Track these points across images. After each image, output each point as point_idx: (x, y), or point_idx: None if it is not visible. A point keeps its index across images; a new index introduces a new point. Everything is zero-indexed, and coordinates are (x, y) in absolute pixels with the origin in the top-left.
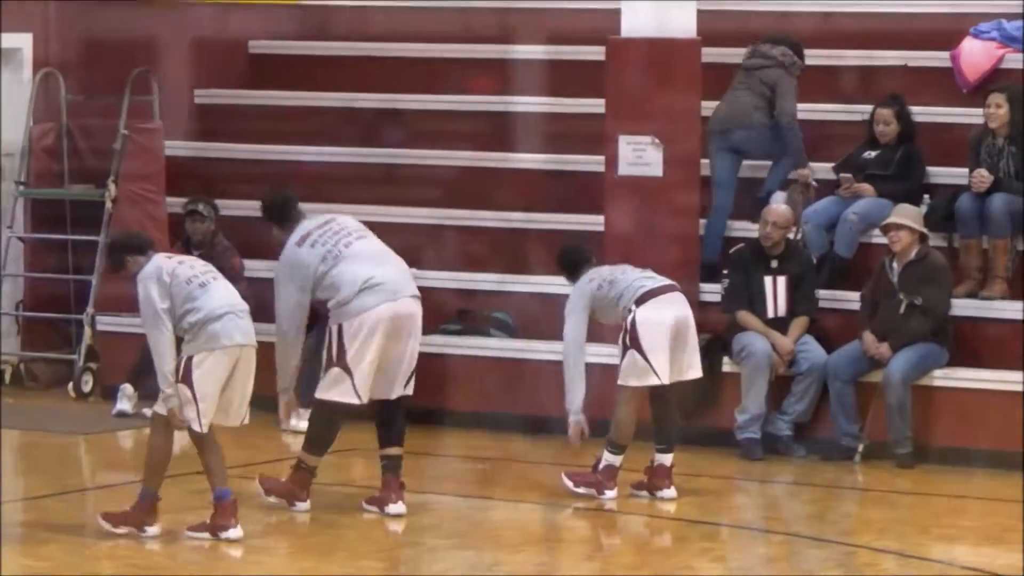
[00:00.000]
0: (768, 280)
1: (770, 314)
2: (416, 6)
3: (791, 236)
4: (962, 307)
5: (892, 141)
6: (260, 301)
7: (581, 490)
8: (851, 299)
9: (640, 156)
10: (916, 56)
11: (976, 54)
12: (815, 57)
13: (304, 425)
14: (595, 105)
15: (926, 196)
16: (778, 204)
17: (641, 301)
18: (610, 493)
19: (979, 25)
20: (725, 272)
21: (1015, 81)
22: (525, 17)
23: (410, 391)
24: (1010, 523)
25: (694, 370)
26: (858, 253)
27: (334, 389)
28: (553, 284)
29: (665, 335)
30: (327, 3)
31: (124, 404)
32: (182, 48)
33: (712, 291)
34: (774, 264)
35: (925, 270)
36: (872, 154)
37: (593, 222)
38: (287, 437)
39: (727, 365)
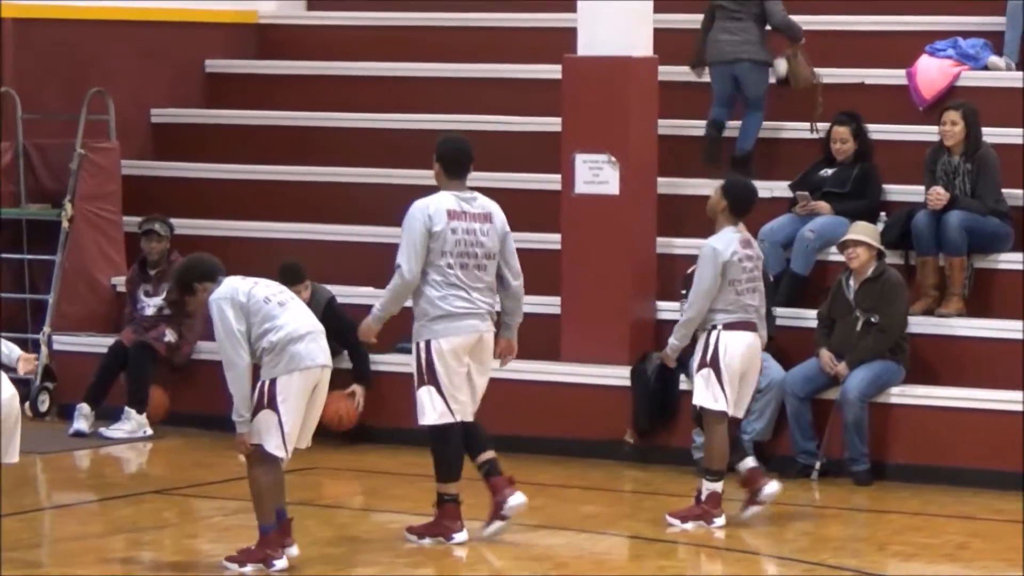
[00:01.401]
0: None
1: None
2: (372, 24)
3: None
4: (919, 324)
5: (849, 159)
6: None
7: (689, 525)
8: (808, 317)
9: (597, 175)
10: (873, 74)
11: (932, 72)
12: (773, 75)
13: None
14: (551, 123)
15: (883, 214)
16: None
17: (730, 327)
18: (719, 520)
19: (935, 43)
20: (684, 292)
21: (970, 99)
22: (482, 35)
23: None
24: (965, 540)
25: (742, 410)
26: (815, 271)
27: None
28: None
29: (736, 372)
30: (284, 22)
31: (81, 424)
32: (138, 67)
33: (669, 309)
34: None
35: (882, 288)
36: (829, 172)
37: (550, 240)
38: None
39: (684, 383)
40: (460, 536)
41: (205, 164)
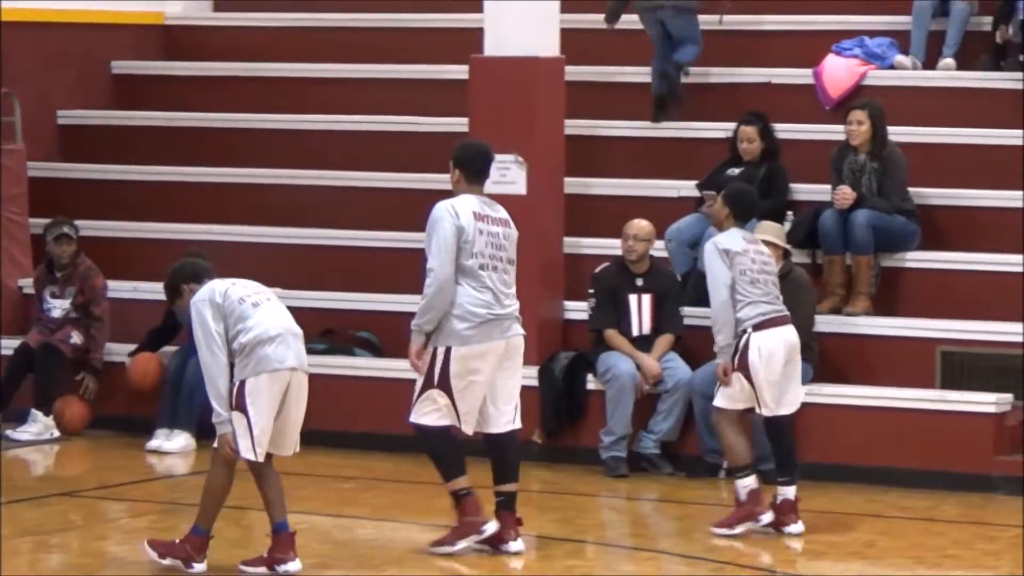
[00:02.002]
0: (633, 298)
1: (635, 332)
2: (279, 25)
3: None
4: (826, 323)
5: (756, 158)
6: (120, 318)
7: (738, 530)
8: None
9: (504, 175)
10: (780, 74)
11: (838, 71)
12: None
13: (169, 446)
14: (458, 124)
15: (789, 213)
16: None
17: (760, 327)
18: (766, 517)
19: (841, 42)
20: (591, 291)
21: (877, 98)
22: (389, 36)
23: (517, 424)
24: (873, 538)
25: (792, 406)
26: None
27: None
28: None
29: (777, 369)
30: (190, 23)
31: None
32: (44, 69)
33: (577, 309)
34: (639, 282)
35: (788, 287)
36: (736, 171)
37: None
38: (151, 457)
39: (592, 383)
40: (490, 527)
41: (112, 165)
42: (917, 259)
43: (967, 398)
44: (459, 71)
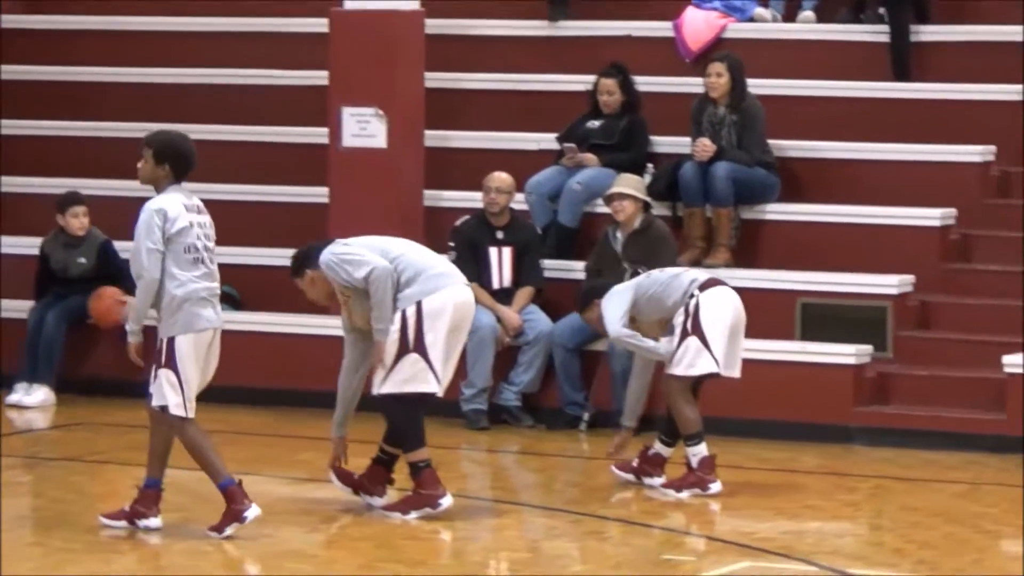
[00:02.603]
0: (494, 251)
1: (496, 285)
2: None
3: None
4: None
5: (616, 111)
6: None
7: (685, 494)
8: (576, 269)
9: (364, 128)
10: (640, 27)
11: (698, 24)
12: (540, 28)
13: (29, 400)
14: (318, 77)
15: (650, 165)
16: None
17: (706, 287)
18: (714, 486)
19: None
20: (451, 244)
21: (736, 50)
22: None
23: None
24: (730, 489)
25: (737, 370)
26: (583, 223)
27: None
28: (278, 256)
29: (727, 325)
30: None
31: None
32: None
33: None
34: (500, 235)
35: (649, 239)
36: (596, 124)
37: (318, 194)
38: (10, 412)
39: None
40: (446, 501)
41: None
42: (777, 211)
43: (826, 350)
44: (319, 24)
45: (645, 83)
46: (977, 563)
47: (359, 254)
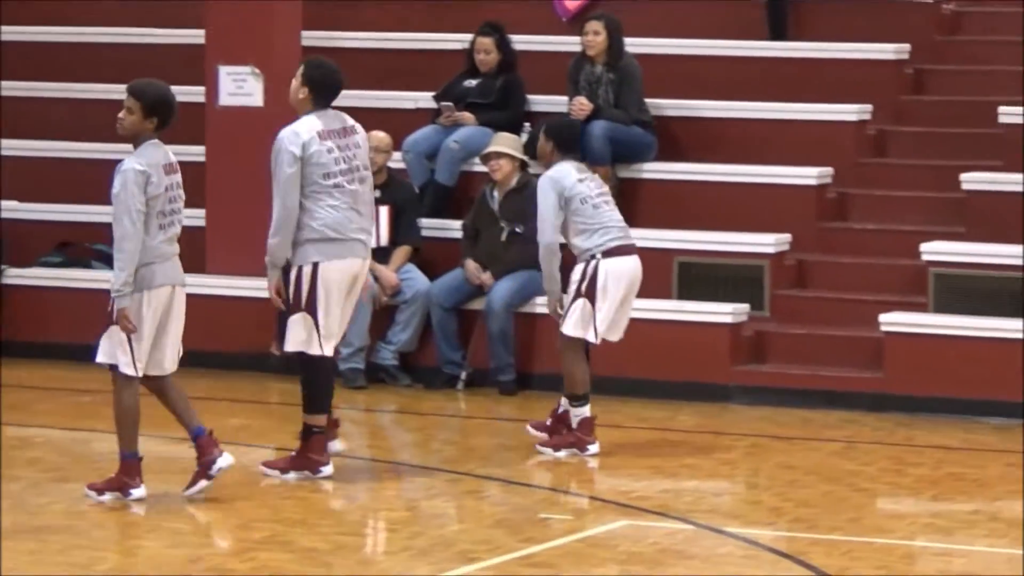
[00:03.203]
0: None
1: (373, 244)
2: None
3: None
4: None
5: (493, 70)
6: None
7: (562, 454)
8: (453, 228)
9: (240, 87)
10: None
11: None
12: None
13: None
14: (195, 36)
15: (527, 124)
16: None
17: (609, 254)
18: (592, 448)
19: None
20: None
21: (613, 9)
22: None
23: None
24: (609, 448)
25: (618, 335)
26: (460, 182)
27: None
28: None
29: (618, 298)
30: None
31: None
32: None
33: None
34: (377, 194)
35: (526, 198)
36: (473, 83)
37: (194, 153)
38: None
39: None
40: (327, 469)
41: None
42: (654, 170)
43: (704, 309)
44: None
45: (522, 42)
46: (854, 521)
47: None
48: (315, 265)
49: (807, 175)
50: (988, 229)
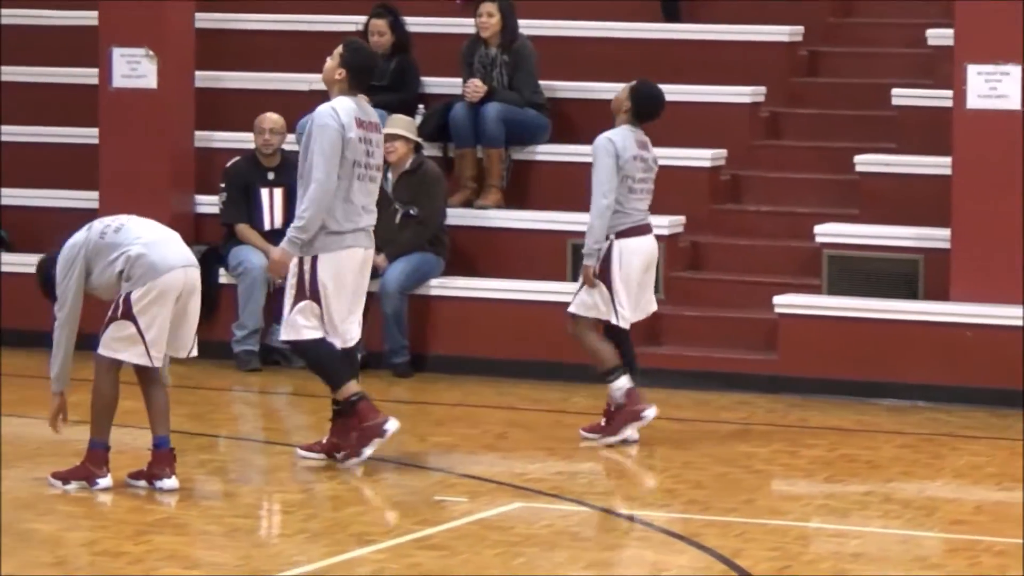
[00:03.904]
0: (265, 192)
1: (267, 226)
2: None
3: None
4: (458, 216)
5: (387, 52)
6: None
7: (624, 434)
8: None
9: (134, 68)
10: None
11: None
12: None
13: None
14: (88, 17)
15: (421, 106)
16: (272, 113)
17: (624, 235)
18: (649, 412)
19: None
20: (222, 185)
21: None
22: None
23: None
24: (505, 430)
25: (646, 311)
26: None
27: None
28: (48, 198)
29: (634, 280)
30: None
31: None
32: None
33: (209, 203)
34: (271, 176)
35: (420, 180)
36: None
37: (88, 135)
38: None
39: (224, 277)
40: (392, 425)
41: None
42: (548, 152)
43: None
44: None
45: (416, 23)
46: (749, 503)
47: None
48: (324, 255)
49: (701, 157)
50: (882, 211)
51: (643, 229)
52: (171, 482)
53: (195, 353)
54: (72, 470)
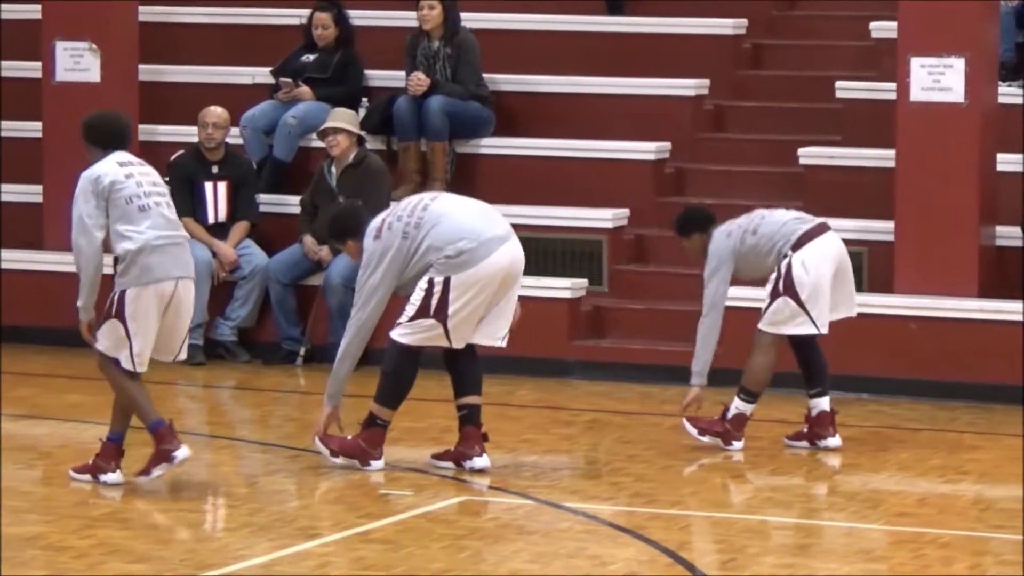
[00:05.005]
0: (209, 186)
1: (211, 220)
2: None
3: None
4: None
5: (330, 45)
6: None
7: (706, 439)
8: (291, 203)
9: (77, 62)
10: None
11: None
12: None
13: None
14: (31, 11)
15: (364, 99)
16: (215, 106)
17: (798, 245)
18: (737, 444)
19: None
20: (166, 179)
21: None
22: None
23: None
24: (446, 423)
25: (848, 308)
26: (298, 157)
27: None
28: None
29: (827, 282)
30: None
31: None
32: None
33: None
34: (215, 169)
35: (364, 173)
36: (311, 58)
37: (31, 128)
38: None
39: None
40: (377, 464)
41: None
42: (492, 145)
43: (542, 283)
44: None
45: (359, 17)
46: (693, 495)
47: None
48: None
49: (645, 150)
50: (826, 203)
51: (815, 232)
52: (115, 476)
53: (183, 357)
54: (86, 465)
